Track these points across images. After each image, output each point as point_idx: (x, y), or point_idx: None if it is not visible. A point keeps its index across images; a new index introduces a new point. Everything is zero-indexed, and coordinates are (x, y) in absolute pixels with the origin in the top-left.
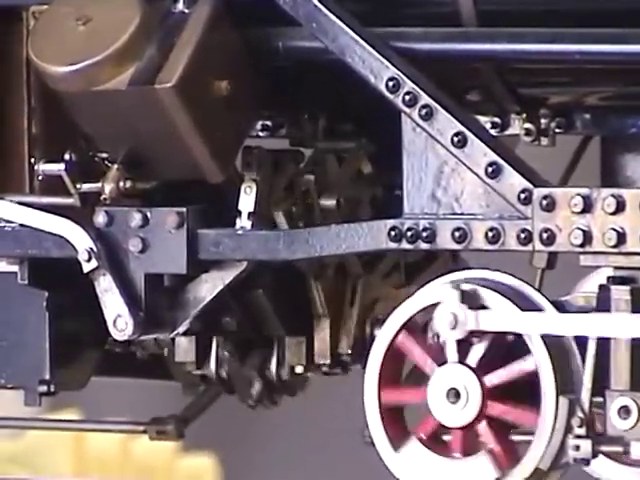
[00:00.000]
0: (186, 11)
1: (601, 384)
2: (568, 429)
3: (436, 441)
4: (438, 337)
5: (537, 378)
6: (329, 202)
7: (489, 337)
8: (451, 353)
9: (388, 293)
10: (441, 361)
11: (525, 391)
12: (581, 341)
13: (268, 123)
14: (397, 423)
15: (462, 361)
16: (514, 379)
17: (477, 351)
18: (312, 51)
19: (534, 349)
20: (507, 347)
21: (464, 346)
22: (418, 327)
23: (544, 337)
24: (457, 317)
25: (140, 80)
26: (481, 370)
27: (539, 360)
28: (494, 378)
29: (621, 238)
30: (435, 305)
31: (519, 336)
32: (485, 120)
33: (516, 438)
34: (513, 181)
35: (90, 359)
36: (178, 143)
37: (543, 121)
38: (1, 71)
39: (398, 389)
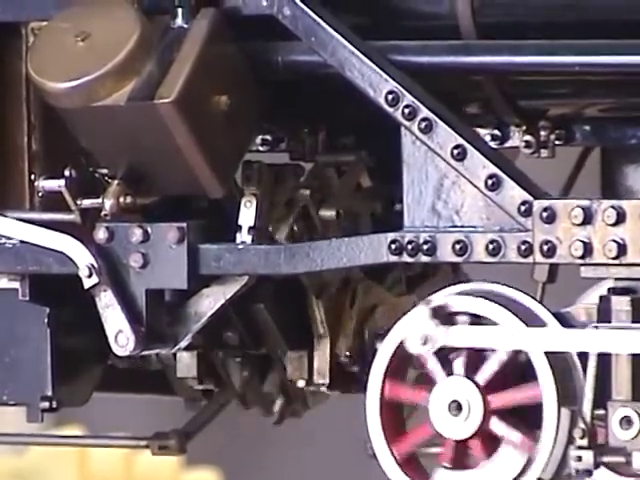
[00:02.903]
0: (185, 26)
1: (602, 395)
2: (570, 440)
3: (460, 460)
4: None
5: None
6: (329, 213)
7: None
8: (436, 370)
9: (388, 300)
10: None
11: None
12: (583, 353)
13: (268, 137)
14: (416, 467)
15: (450, 373)
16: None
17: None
18: (311, 65)
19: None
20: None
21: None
22: (401, 366)
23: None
24: (428, 335)
25: (139, 96)
26: (471, 373)
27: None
28: (485, 375)
29: (622, 249)
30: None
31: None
32: (485, 133)
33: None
34: (513, 193)
35: (92, 375)
36: (178, 158)
37: (543, 133)
38: (0, 87)
39: (407, 436)
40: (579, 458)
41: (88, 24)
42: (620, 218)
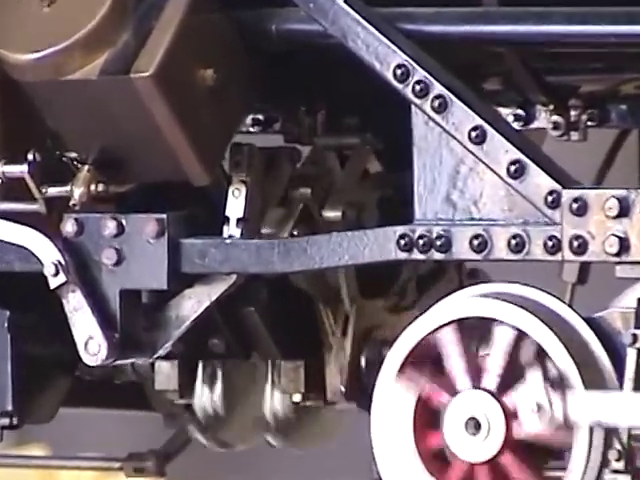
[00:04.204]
0: None
1: None
2: (604, 463)
3: None
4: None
5: None
6: (333, 214)
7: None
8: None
9: (386, 319)
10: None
11: None
12: (618, 365)
13: (260, 117)
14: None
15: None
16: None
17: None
18: (309, 34)
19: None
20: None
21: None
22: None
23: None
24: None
25: (113, 69)
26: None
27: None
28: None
29: None
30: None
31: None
32: (507, 112)
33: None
34: (539, 182)
35: (58, 387)
36: (157, 140)
37: (573, 113)
38: None
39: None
40: None
41: None
42: None
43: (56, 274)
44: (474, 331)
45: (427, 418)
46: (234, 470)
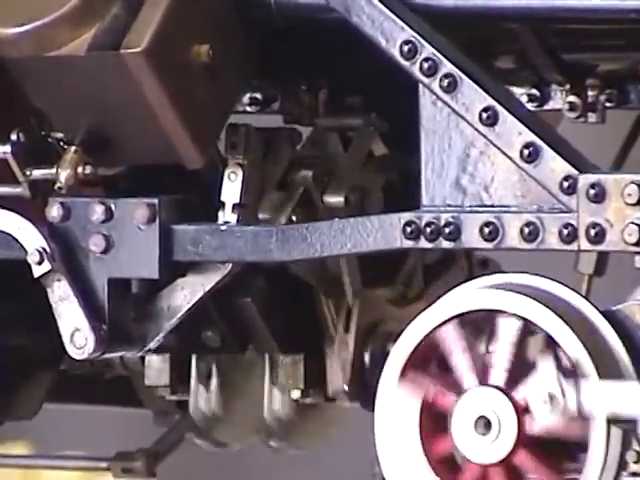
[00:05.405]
0: None
1: None
2: (622, 466)
3: None
4: None
5: None
6: (335, 200)
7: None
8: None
9: (391, 313)
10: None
11: None
12: (637, 359)
13: (258, 96)
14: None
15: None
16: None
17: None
18: (310, 8)
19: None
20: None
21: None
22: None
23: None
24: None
25: (102, 44)
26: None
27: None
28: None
29: None
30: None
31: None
32: (521, 92)
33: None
34: (554, 166)
35: (42, 382)
36: (149, 120)
37: (591, 93)
38: None
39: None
40: None
41: None
42: None
43: (40, 262)
44: (479, 325)
45: (434, 422)
46: (228, 470)
